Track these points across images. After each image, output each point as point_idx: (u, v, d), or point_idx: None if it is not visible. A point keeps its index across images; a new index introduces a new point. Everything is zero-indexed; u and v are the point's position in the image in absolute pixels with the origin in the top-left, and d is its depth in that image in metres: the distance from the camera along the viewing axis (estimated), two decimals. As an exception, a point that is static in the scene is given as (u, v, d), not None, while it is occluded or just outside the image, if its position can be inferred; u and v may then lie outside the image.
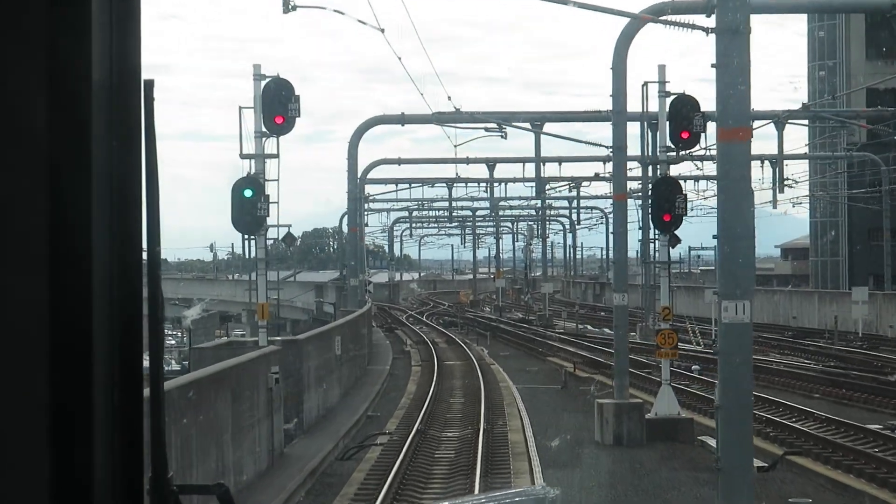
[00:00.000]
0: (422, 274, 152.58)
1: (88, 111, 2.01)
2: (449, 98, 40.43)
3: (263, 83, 26.70)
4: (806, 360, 44.24)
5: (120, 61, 2.10)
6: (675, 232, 27.61)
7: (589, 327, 68.89)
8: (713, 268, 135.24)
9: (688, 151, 27.30)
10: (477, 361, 44.65)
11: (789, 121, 51.94)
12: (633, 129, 39.26)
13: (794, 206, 76.91)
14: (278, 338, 28.17)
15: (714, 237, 15.57)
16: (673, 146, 26.75)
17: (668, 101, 27.10)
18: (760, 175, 75.32)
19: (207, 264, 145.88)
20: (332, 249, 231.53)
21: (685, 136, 26.73)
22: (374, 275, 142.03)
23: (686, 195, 27.07)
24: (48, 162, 1.98)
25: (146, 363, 2.22)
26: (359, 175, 60.47)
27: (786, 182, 54.53)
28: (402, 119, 45.00)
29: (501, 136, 42.66)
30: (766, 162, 57.84)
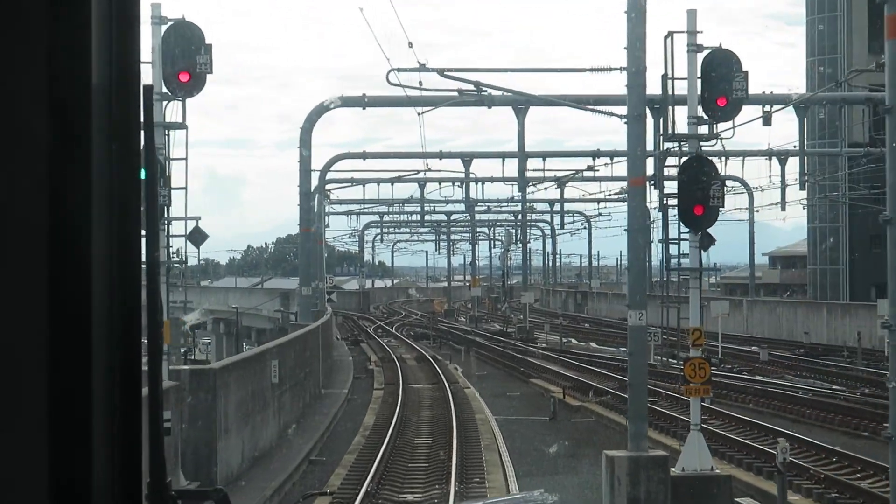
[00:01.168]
0: (395, 281, 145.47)
1: (88, 115, 2.02)
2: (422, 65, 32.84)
3: (164, 28, 19.93)
4: (833, 386, 37.62)
5: (119, 66, 2.10)
6: (709, 230, 20.88)
7: (573, 341, 62.24)
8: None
9: (726, 125, 20.52)
10: (449, 384, 37.90)
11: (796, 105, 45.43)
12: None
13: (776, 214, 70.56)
14: (185, 366, 21.40)
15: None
16: (707, 116, 20.02)
17: (700, 57, 20.37)
18: (759, 173, 69.18)
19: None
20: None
21: (722, 102, 20.06)
22: (347, 282, 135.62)
23: (724, 181, 20.44)
24: (48, 166, 1.98)
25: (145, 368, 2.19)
26: (319, 169, 53.84)
27: (805, 179, 47.83)
28: (364, 101, 38.07)
29: (484, 105, 36.06)
30: (774, 158, 51.37)
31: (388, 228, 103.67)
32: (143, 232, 2.18)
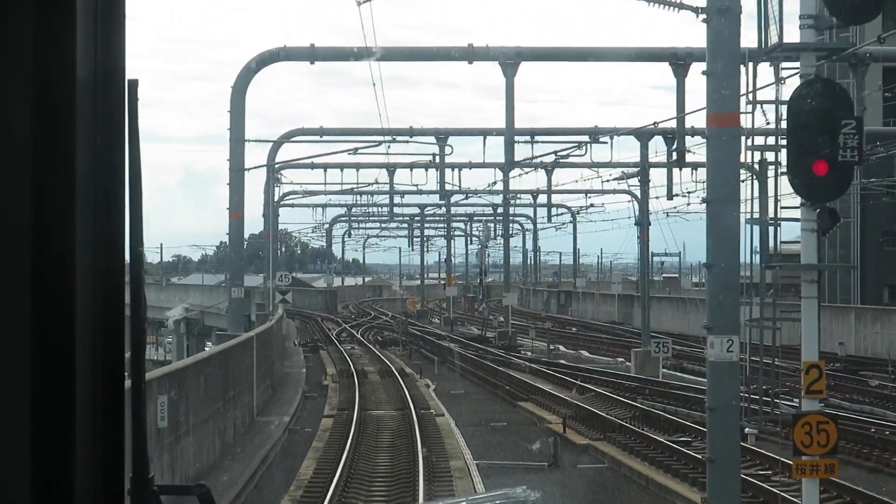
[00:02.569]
0: (366, 279, 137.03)
1: (72, 110, 2.00)
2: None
3: None
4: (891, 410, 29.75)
5: (104, 61, 2.07)
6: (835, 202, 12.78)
7: (561, 348, 54.14)
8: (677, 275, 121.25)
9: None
10: (417, 410, 29.81)
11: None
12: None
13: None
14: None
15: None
16: (834, 13, 11.96)
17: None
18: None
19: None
20: (279, 252, 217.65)
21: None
22: (317, 280, 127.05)
23: (861, 119, 12.40)
24: (32, 161, 1.96)
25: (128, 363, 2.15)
26: (265, 139, 45.77)
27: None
28: (312, 54, 29.63)
29: (465, 60, 28.29)
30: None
31: (358, 223, 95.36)
32: (127, 227, 2.14)
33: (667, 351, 40.27)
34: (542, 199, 74.16)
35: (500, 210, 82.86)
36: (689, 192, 46.20)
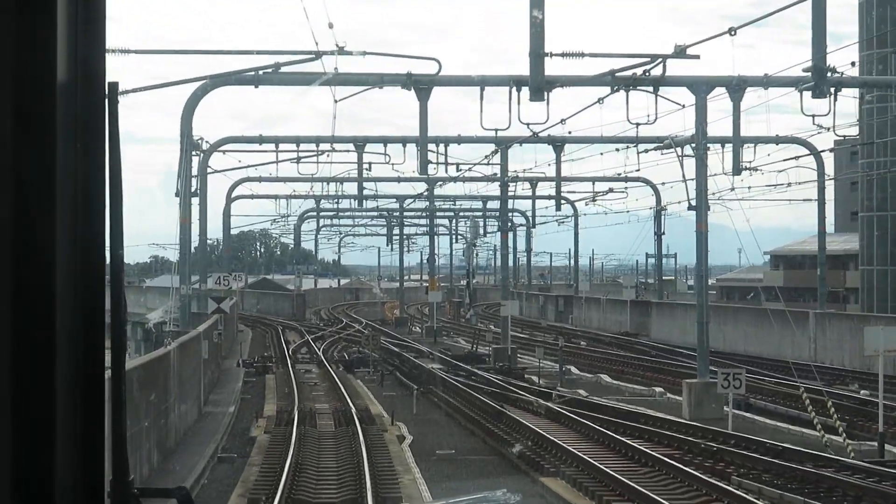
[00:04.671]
0: (341, 282, 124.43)
1: (53, 113, 1.98)
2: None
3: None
4: None
5: (85, 63, 2.06)
6: None
7: (573, 370, 41.77)
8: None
9: None
10: (378, 495, 17.65)
11: None
12: None
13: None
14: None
15: None
16: None
17: None
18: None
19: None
20: (258, 254, 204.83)
21: None
22: (292, 282, 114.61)
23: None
24: (12, 163, 1.95)
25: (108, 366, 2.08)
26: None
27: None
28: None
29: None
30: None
31: (328, 218, 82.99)
32: (108, 230, 2.08)
33: (738, 385, 28.21)
34: (540, 191, 62.02)
35: (489, 204, 70.70)
36: (752, 167, 34.14)
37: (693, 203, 30.40)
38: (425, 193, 59.99)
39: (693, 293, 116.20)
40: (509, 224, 49.49)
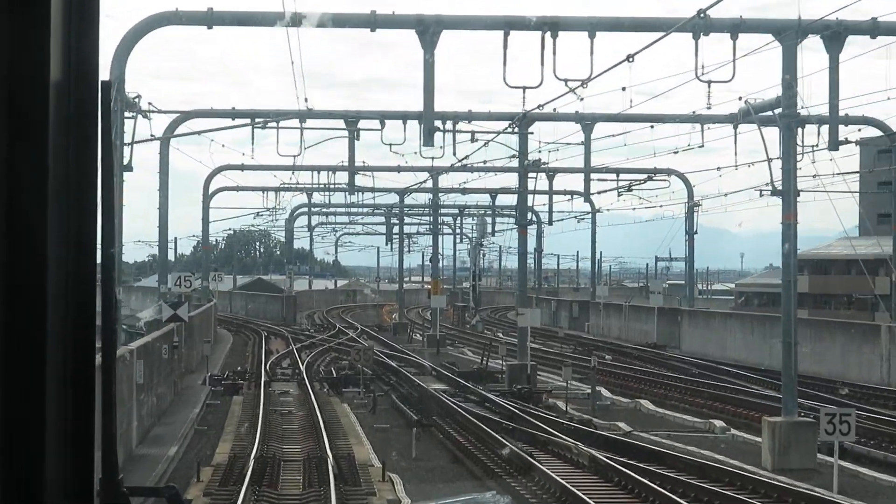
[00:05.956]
0: (339, 283, 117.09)
1: (46, 111, 1.95)
2: None
3: None
4: None
5: (78, 62, 2.02)
6: None
7: (604, 392, 34.37)
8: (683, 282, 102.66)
9: None
10: None
11: None
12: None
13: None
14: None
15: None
16: None
17: None
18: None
19: None
20: (258, 253, 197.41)
21: None
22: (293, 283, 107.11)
23: None
24: (5, 160, 1.91)
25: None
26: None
27: None
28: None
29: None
30: None
31: (323, 214, 75.69)
32: (100, 227, 2.03)
33: (847, 430, 20.85)
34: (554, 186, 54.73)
35: (498, 200, 63.39)
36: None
37: (778, 186, 23.07)
38: (428, 183, 52.64)
39: (713, 299, 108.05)
40: (530, 218, 42.19)
